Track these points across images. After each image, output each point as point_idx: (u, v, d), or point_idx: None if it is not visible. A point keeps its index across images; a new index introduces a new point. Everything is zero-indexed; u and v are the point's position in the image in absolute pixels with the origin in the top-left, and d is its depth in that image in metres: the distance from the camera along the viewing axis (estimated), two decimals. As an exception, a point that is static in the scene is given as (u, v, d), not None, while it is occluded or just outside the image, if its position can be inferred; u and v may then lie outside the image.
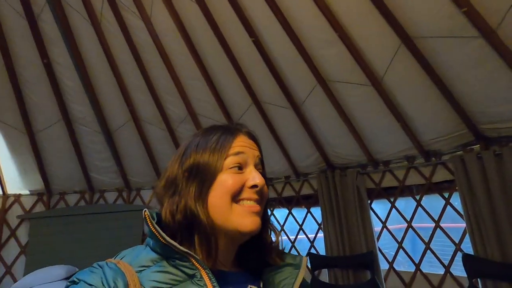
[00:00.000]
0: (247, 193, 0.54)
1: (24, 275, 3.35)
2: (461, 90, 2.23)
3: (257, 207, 0.54)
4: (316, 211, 3.35)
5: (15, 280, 3.41)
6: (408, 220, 2.79)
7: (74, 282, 0.46)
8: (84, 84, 3.36)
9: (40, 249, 3.56)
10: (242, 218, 0.52)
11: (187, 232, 0.52)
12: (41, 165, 3.70)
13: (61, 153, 3.72)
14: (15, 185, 3.71)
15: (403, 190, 2.83)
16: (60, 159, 3.75)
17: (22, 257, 3.57)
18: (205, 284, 0.48)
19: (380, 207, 3.06)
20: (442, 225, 2.61)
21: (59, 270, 3.32)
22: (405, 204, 2.94)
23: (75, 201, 4.00)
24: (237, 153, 0.56)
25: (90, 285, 0.44)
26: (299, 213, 3.54)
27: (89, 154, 3.84)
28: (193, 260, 0.49)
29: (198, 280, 0.48)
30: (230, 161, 0.55)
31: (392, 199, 2.90)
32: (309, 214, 3.42)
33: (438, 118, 2.45)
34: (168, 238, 0.49)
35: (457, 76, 2.20)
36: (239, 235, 0.53)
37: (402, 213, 2.85)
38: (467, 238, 2.38)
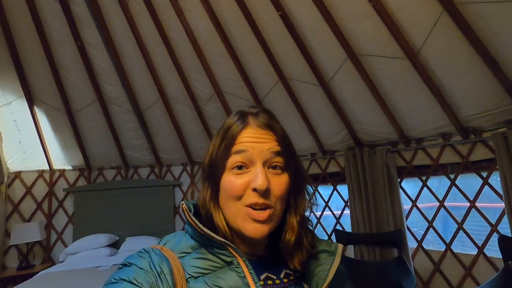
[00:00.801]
0: (251, 197, 0.50)
1: (73, 241, 3.74)
2: (510, 60, 2.04)
3: (262, 215, 0.50)
4: (343, 189, 3.34)
5: (65, 246, 3.82)
6: (441, 199, 2.70)
7: (126, 265, 0.49)
8: (115, 64, 3.47)
9: (84, 219, 3.92)
10: (244, 222, 0.51)
11: (213, 225, 0.54)
12: (81, 143, 3.96)
13: (97, 132, 3.95)
14: (60, 161, 4.03)
15: (437, 169, 2.72)
16: (97, 137, 3.99)
17: (70, 226, 3.95)
18: (243, 271, 0.50)
19: (410, 185, 2.98)
20: (478, 204, 2.50)
21: (103, 238, 3.68)
22: (438, 182, 2.84)
23: (112, 176, 4.29)
24: (239, 152, 0.52)
25: (141, 268, 0.47)
26: (325, 190, 3.55)
27: (123, 132, 4.04)
28: (230, 249, 0.51)
29: (235, 267, 0.51)
30: (232, 160, 0.52)
31: (424, 178, 2.80)
32: (335, 191, 3.42)
33: (480, 92, 2.27)
34: (205, 229, 0.51)
35: (506, 45, 2.00)
36: (245, 237, 0.52)
37: (435, 192, 2.76)
38: (504, 219, 2.28)
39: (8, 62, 3.39)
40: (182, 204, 0.55)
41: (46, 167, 3.97)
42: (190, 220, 0.52)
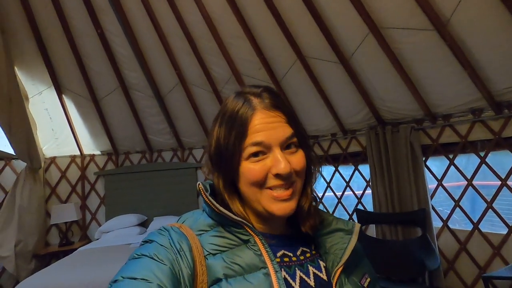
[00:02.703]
0: (273, 181, 0.51)
1: (106, 221, 4.01)
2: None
3: (286, 194, 0.52)
4: (364, 168, 3.29)
5: (99, 225, 4.11)
6: (469, 178, 2.59)
7: (147, 242, 0.51)
8: (134, 50, 3.53)
9: (114, 200, 4.17)
10: (271, 204, 0.52)
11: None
12: (107, 128, 4.14)
13: (122, 117, 4.10)
14: (89, 146, 4.25)
15: (465, 146, 2.60)
16: (122, 122, 4.14)
17: (102, 206, 4.22)
18: (259, 249, 0.52)
19: (436, 164, 2.88)
20: (510, 183, 2.38)
21: (132, 218, 3.92)
22: (467, 160, 2.72)
23: (138, 160, 4.48)
24: (255, 144, 0.51)
25: (161, 245, 0.49)
26: (346, 170, 3.51)
27: (146, 117, 4.17)
28: (247, 228, 0.53)
29: (252, 245, 0.52)
30: (248, 151, 0.52)
31: (451, 156, 2.69)
32: (356, 171, 3.37)
33: (517, 63, 2.10)
34: (221, 208, 0.52)
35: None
36: (272, 217, 0.53)
37: (463, 170, 2.65)
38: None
39: (37, 54, 3.55)
40: (199, 184, 0.56)
41: (77, 153, 4.21)
42: (207, 200, 0.54)
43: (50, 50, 3.59)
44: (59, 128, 4.01)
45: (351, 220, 0.62)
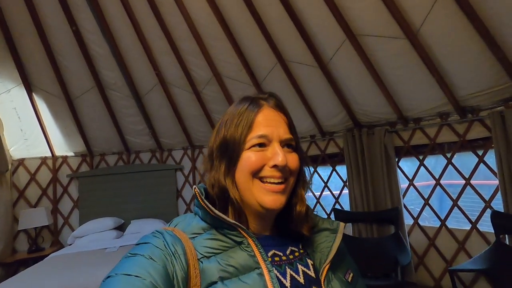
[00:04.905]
0: (268, 172, 0.55)
1: (79, 225, 3.85)
2: (510, 40, 2.03)
3: (279, 187, 0.55)
4: (341, 169, 3.40)
5: (72, 230, 3.93)
6: (437, 177, 2.76)
7: (141, 243, 0.51)
8: (112, 49, 3.43)
9: (89, 204, 4.01)
10: (263, 195, 0.55)
11: (224, 203, 0.58)
12: (81, 129, 3.98)
13: (98, 118, 3.96)
14: (62, 147, 4.06)
15: (434, 148, 2.77)
16: (97, 123, 4.00)
17: (75, 210, 4.04)
18: (253, 250, 0.54)
19: (408, 164, 3.04)
20: (473, 182, 2.57)
21: (109, 221, 3.79)
22: (435, 161, 2.90)
23: (114, 161, 4.34)
24: (259, 137, 0.56)
25: (156, 246, 0.50)
26: (324, 170, 3.62)
27: (123, 118, 4.05)
28: (240, 230, 0.55)
29: (246, 247, 0.54)
30: (252, 142, 0.56)
31: (421, 157, 2.86)
32: (334, 172, 3.48)
33: (479, 72, 2.27)
34: (216, 211, 0.54)
35: (506, 25, 1.99)
36: (263, 210, 0.56)
37: (432, 170, 2.82)
38: (498, 195, 2.35)
39: (5, 50, 3.35)
40: (195, 188, 0.58)
41: (49, 154, 4.01)
42: (203, 203, 0.56)
43: (20, 46, 3.40)
44: (29, 128, 3.80)
45: (335, 220, 0.66)
